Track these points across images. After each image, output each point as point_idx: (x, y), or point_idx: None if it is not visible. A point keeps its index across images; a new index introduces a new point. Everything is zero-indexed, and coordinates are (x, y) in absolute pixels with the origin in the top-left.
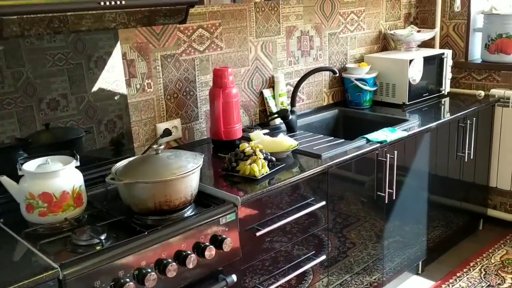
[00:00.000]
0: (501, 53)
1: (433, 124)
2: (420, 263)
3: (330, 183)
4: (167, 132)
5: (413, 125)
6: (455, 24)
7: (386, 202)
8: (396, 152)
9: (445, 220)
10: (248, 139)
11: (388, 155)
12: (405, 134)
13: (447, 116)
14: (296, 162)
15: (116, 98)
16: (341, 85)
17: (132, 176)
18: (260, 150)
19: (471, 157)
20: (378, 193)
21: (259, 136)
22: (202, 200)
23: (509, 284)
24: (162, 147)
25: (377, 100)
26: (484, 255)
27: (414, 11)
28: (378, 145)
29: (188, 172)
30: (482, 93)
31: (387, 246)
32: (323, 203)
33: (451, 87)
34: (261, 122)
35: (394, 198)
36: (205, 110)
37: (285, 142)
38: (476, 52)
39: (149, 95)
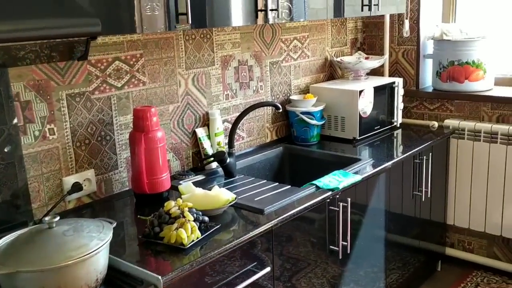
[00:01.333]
0: (454, 81)
1: (388, 164)
2: None
3: (275, 242)
4: (76, 187)
5: (366, 165)
6: (405, 50)
7: (340, 257)
8: (349, 199)
9: (402, 262)
10: (178, 191)
11: (341, 203)
12: (359, 178)
13: (402, 153)
14: (234, 219)
15: (6, 149)
16: (286, 119)
17: (14, 262)
18: (190, 210)
19: (428, 196)
20: (331, 247)
21: (189, 189)
22: (115, 280)
23: None
24: (57, 219)
25: (326, 135)
26: None
27: (361, 36)
28: (330, 192)
29: (90, 253)
30: (436, 124)
31: None
32: (268, 269)
33: (403, 117)
34: (195, 167)
35: (349, 251)
36: (126, 156)
37: (221, 196)
38: (428, 80)
39: (52, 143)
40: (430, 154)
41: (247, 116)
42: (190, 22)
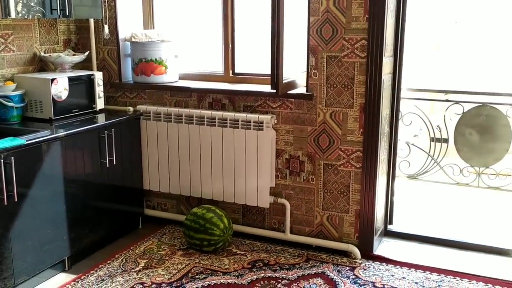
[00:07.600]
0: (143, 75)
1: (62, 134)
2: (68, 260)
3: None
4: None
5: (43, 135)
6: (109, 50)
7: (6, 204)
8: (13, 158)
9: (92, 223)
10: None
11: (2, 160)
12: (23, 141)
13: (85, 127)
14: None
15: None
16: None
17: None
18: None
19: (114, 163)
20: None
21: None
22: None
23: (142, 266)
24: None
25: (28, 116)
26: (132, 247)
27: (75, 38)
28: None
29: None
30: (131, 108)
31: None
32: None
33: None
34: None
35: (16, 200)
36: None
37: None
38: (129, 74)
39: None
40: (113, 129)
41: None
42: None
